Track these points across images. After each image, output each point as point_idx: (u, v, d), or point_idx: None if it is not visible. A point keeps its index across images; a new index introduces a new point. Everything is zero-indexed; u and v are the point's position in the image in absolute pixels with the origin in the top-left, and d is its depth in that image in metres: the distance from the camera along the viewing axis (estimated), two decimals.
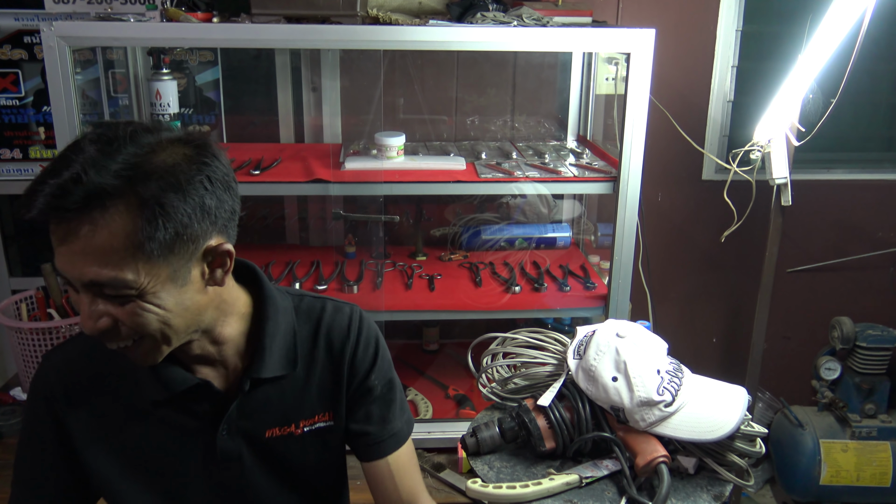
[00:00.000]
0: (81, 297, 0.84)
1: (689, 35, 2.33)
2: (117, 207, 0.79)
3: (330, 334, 1.06)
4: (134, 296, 0.83)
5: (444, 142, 2.30)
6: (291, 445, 1.05)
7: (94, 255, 0.80)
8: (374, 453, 1.11)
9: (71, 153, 0.82)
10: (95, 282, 0.82)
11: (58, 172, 0.80)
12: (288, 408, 1.04)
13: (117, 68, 2.15)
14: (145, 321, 0.85)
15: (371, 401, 1.09)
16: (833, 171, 2.53)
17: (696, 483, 1.05)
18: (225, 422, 1.00)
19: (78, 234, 0.79)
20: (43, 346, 1.99)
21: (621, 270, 1.79)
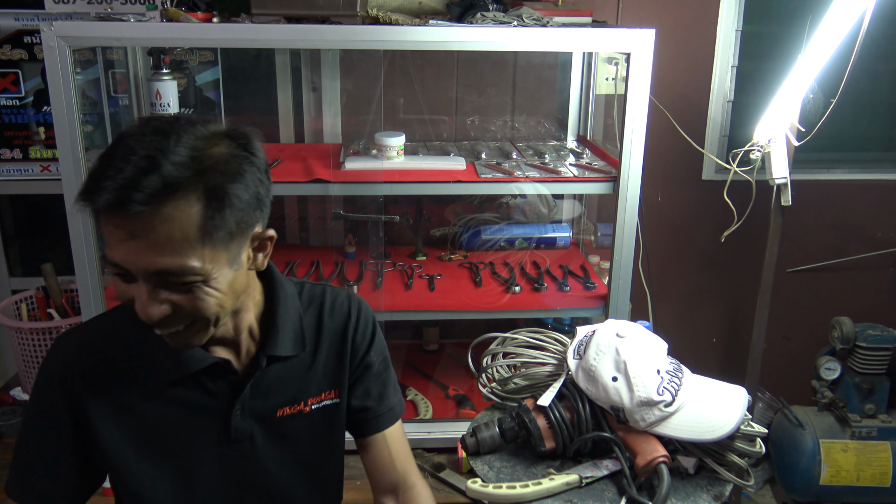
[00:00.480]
0: (140, 286, 0.85)
1: (689, 35, 2.33)
2: (187, 198, 0.82)
3: (333, 316, 1.12)
4: (199, 282, 0.86)
5: (444, 142, 2.30)
6: (301, 423, 1.09)
7: (164, 246, 0.82)
8: (373, 427, 1.16)
9: (131, 145, 0.83)
10: (163, 271, 0.84)
11: (122, 165, 0.81)
12: (297, 387, 1.08)
13: (117, 68, 2.15)
14: (205, 305, 0.88)
15: (370, 377, 1.15)
16: (833, 171, 2.53)
17: (696, 483, 1.05)
18: (239, 401, 1.03)
19: (149, 226, 0.81)
20: (43, 346, 1.99)
21: (621, 270, 1.79)
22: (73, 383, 0.99)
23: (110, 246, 0.83)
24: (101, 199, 0.80)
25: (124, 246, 0.82)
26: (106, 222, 0.82)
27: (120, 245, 0.82)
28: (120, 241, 0.82)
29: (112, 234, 0.82)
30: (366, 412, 1.15)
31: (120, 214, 0.81)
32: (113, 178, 0.80)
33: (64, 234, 1.65)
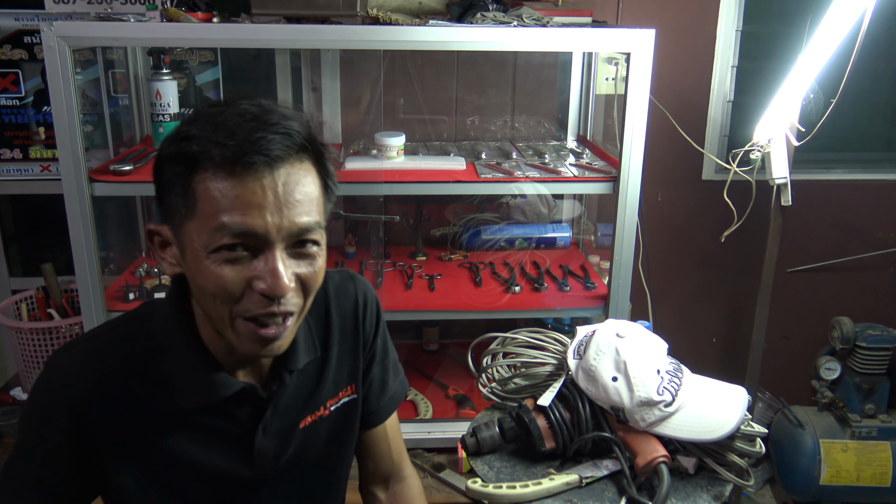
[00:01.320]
0: (272, 256, 0.81)
1: (689, 35, 2.33)
2: (310, 156, 0.84)
3: (339, 304, 1.06)
4: (320, 245, 0.85)
5: (444, 142, 2.30)
6: (320, 427, 1.03)
7: (305, 200, 0.82)
8: (373, 421, 1.12)
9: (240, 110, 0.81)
10: (304, 229, 0.82)
11: (248, 125, 0.79)
12: (315, 392, 1.02)
13: (117, 68, 2.15)
14: (320, 278, 0.87)
15: (373, 367, 1.10)
16: (833, 171, 2.53)
17: (696, 483, 1.05)
18: (262, 423, 0.96)
19: (291, 181, 0.80)
20: (43, 345, 1.99)
21: (621, 270, 1.79)
22: (84, 411, 0.88)
23: (235, 211, 0.78)
24: (232, 150, 0.77)
25: (262, 206, 0.79)
26: (226, 181, 0.78)
27: (255, 207, 0.78)
28: (255, 201, 0.78)
29: (241, 193, 0.78)
30: (368, 405, 1.11)
31: (258, 168, 0.78)
32: (239, 133, 0.78)
33: (64, 234, 1.65)
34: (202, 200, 0.80)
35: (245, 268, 0.81)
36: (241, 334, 0.85)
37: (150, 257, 2.14)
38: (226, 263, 0.81)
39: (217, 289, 0.82)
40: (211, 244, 0.80)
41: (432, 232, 2.29)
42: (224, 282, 0.81)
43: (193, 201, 0.80)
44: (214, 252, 0.80)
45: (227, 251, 0.80)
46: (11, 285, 2.41)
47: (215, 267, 0.81)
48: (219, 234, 0.79)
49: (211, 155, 0.78)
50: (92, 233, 1.65)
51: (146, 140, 2.13)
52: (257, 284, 0.81)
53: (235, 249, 0.80)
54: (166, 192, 0.84)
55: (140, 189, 1.83)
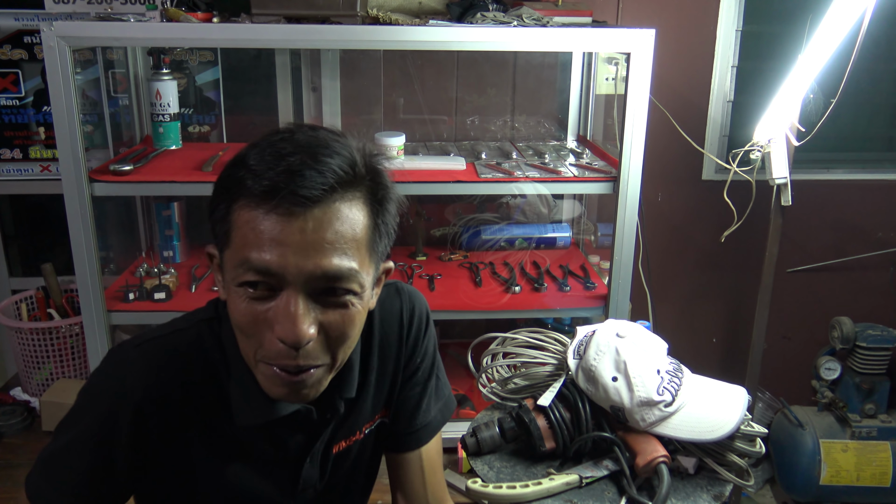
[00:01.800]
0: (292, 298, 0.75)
1: (689, 35, 2.33)
2: (358, 196, 0.77)
3: (383, 325, 0.99)
4: (356, 294, 0.78)
5: (444, 142, 2.30)
6: (353, 451, 1.01)
7: (334, 244, 0.75)
8: (406, 444, 1.06)
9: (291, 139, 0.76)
10: (331, 275, 0.75)
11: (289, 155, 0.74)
12: (352, 418, 0.98)
13: (117, 68, 2.15)
14: (351, 330, 0.80)
15: (412, 385, 1.04)
16: (833, 171, 2.53)
17: (696, 483, 1.05)
18: (312, 451, 0.93)
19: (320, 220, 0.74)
20: (43, 345, 1.99)
21: (621, 270, 1.79)
22: (147, 416, 0.85)
23: (260, 247, 0.74)
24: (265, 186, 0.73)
25: (284, 244, 0.73)
26: (258, 216, 0.74)
27: (278, 244, 0.73)
28: (279, 239, 0.73)
29: (267, 229, 0.73)
30: (398, 425, 1.05)
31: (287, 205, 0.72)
32: (281, 169, 0.73)
33: (64, 234, 1.65)
34: (235, 230, 0.77)
35: (266, 309, 0.77)
36: (266, 377, 0.81)
37: (149, 257, 2.14)
38: (248, 301, 0.77)
39: (239, 326, 0.80)
40: (236, 278, 0.77)
41: (432, 232, 2.29)
42: (246, 319, 0.78)
43: (229, 229, 0.78)
44: (240, 286, 0.77)
45: (250, 287, 0.77)
46: (11, 285, 2.41)
47: (240, 303, 0.78)
48: (242, 269, 0.76)
49: (248, 185, 0.75)
50: (92, 233, 1.65)
51: (146, 140, 2.13)
52: (275, 328, 0.77)
53: (257, 287, 0.76)
54: (211, 216, 0.81)
55: (140, 189, 1.84)
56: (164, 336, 0.89)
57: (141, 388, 0.85)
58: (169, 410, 0.86)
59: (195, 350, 0.88)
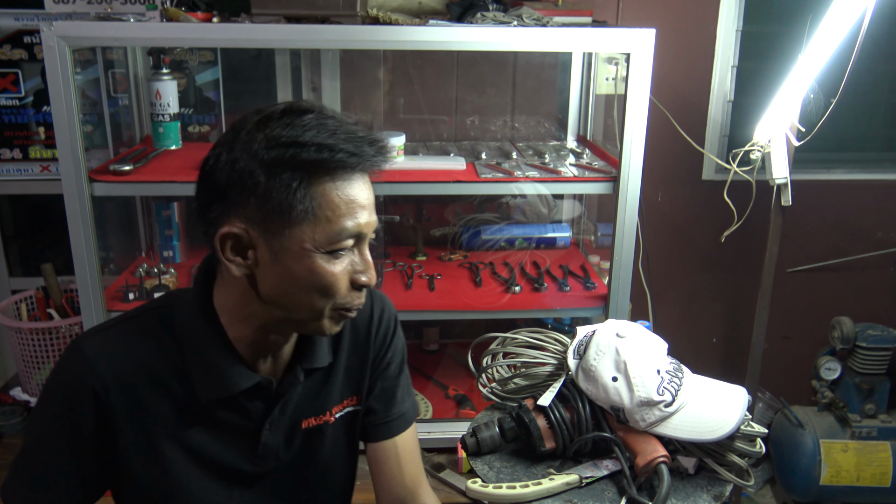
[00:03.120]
0: (364, 250, 0.90)
1: (689, 35, 2.33)
2: None
3: (355, 321, 1.06)
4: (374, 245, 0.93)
5: (444, 142, 2.30)
6: (326, 435, 1.06)
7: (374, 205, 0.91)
8: (381, 433, 1.12)
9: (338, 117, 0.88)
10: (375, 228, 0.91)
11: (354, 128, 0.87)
12: (321, 396, 1.05)
13: (117, 68, 2.15)
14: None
15: (384, 378, 1.12)
16: (833, 171, 2.53)
17: (696, 483, 1.05)
18: (271, 417, 0.99)
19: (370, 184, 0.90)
20: (43, 345, 1.99)
21: (621, 270, 1.79)
22: (107, 397, 0.91)
23: (352, 213, 0.87)
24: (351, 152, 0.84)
25: (367, 207, 0.88)
26: (343, 184, 0.86)
27: (363, 208, 0.88)
28: (363, 203, 0.87)
29: (354, 196, 0.86)
30: (374, 415, 1.12)
31: (361, 173, 0.87)
32: (354, 135, 0.86)
33: (64, 234, 1.65)
34: (320, 205, 0.85)
35: (346, 264, 0.89)
36: (334, 320, 0.92)
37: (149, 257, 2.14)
38: (335, 262, 0.88)
39: (328, 286, 0.88)
40: (330, 245, 0.87)
41: (432, 232, 2.29)
42: (336, 278, 0.88)
43: (310, 205, 0.85)
44: (330, 252, 0.87)
45: (341, 251, 0.88)
46: (11, 285, 2.41)
47: (329, 265, 0.87)
48: (340, 237, 0.87)
49: (329, 159, 0.84)
50: (92, 233, 1.65)
51: (146, 140, 2.13)
52: (359, 278, 0.90)
53: (347, 249, 0.89)
54: (267, 197, 0.84)
55: (140, 189, 1.84)
56: (116, 324, 0.97)
57: (96, 373, 0.90)
58: (126, 391, 0.92)
59: (149, 333, 0.95)
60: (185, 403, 0.95)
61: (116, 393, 0.91)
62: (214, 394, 0.94)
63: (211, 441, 0.97)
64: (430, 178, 1.84)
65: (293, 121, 0.85)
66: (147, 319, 0.97)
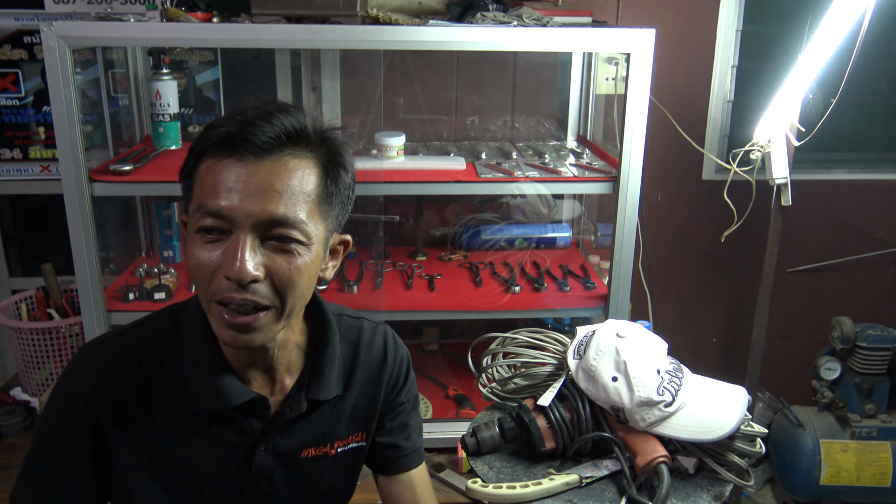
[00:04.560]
0: (240, 239, 0.82)
1: (689, 35, 2.33)
2: (309, 153, 0.86)
3: (369, 354, 1.07)
4: (301, 242, 0.85)
5: (444, 142, 2.30)
6: (325, 466, 1.05)
7: (282, 192, 0.82)
8: (399, 466, 1.14)
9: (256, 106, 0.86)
10: (275, 220, 0.82)
11: (249, 113, 0.84)
12: (325, 428, 1.03)
13: (117, 68, 2.15)
14: (297, 277, 0.86)
15: (399, 416, 1.13)
16: (833, 171, 2.53)
17: (696, 483, 1.05)
18: (265, 438, 0.98)
19: (270, 171, 0.82)
20: (43, 345, 1.99)
21: (621, 270, 1.79)
22: (100, 405, 0.91)
23: (214, 193, 0.82)
24: (222, 134, 0.82)
25: (235, 190, 0.81)
26: (216, 165, 0.82)
27: (229, 190, 0.81)
28: (231, 185, 0.81)
29: (221, 177, 0.82)
30: (394, 450, 1.13)
31: (240, 153, 0.81)
32: (238, 120, 0.83)
33: (64, 234, 1.65)
34: (197, 182, 0.85)
35: (218, 251, 0.83)
36: (216, 318, 0.86)
37: (149, 257, 2.14)
38: (203, 245, 0.84)
39: (194, 268, 0.85)
40: (195, 224, 0.84)
41: (432, 232, 2.29)
42: (198, 262, 0.84)
43: (193, 183, 0.86)
44: (197, 233, 0.84)
45: (206, 233, 0.83)
46: (11, 285, 2.41)
47: (195, 248, 0.84)
48: (199, 214, 0.83)
49: (208, 137, 0.84)
50: (92, 233, 1.65)
51: (146, 140, 2.13)
52: (222, 267, 0.83)
53: (212, 232, 0.83)
54: (180, 180, 0.88)
55: (140, 189, 1.84)
56: (117, 335, 0.97)
57: (89, 383, 0.92)
58: (123, 404, 0.92)
59: (149, 344, 0.95)
60: (185, 417, 0.94)
61: (109, 403, 0.92)
62: (208, 405, 0.93)
63: (207, 456, 0.96)
64: (430, 178, 1.84)
65: (229, 112, 0.87)
66: (150, 330, 0.97)
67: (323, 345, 1.01)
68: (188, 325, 0.95)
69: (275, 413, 0.99)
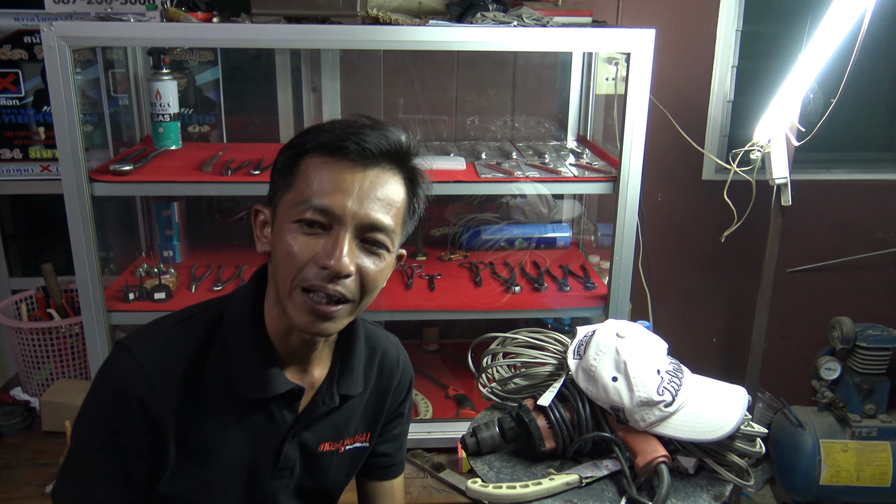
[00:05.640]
0: (341, 236, 0.88)
1: (689, 35, 2.33)
2: (401, 170, 0.95)
3: (383, 361, 1.12)
4: (388, 250, 0.93)
5: (444, 142, 2.30)
6: (334, 462, 1.08)
7: (386, 202, 0.91)
8: (385, 474, 1.20)
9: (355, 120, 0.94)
10: (376, 225, 0.90)
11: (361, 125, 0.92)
12: (340, 425, 1.07)
13: (117, 68, 2.15)
14: (379, 277, 0.94)
15: (398, 426, 1.19)
16: (833, 171, 2.53)
17: (696, 483, 1.05)
18: (294, 430, 1.01)
19: (375, 180, 0.91)
20: (43, 345, 1.99)
21: (621, 270, 1.79)
22: (155, 404, 0.92)
23: (323, 191, 0.88)
24: (336, 136, 0.89)
25: (344, 191, 0.88)
26: (328, 165, 0.89)
27: (339, 191, 0.88)
28: (341, 186, 0.88)
29: (333, 177, 0.89)
30: (386, 458, 1.19)
31: (351, 158, 0.89)
32: (350, 130, 0.90)
33: (64, 234, 1.65)
34: (301, 177, 0.91)
35: (316, 243, 0.89)
36: (297, 304, 0.91)
37: (149, 257, 2.14)
38: (301, 234, 0.89)
39: (287, 255, 0.90)
40: (295, 215, 0.89)
41: (432, 232, 2.29)
42: (294, 249, 0.89)
43: (294, 178, 0.91)
44: (296, 223, 0.89)
45: (306, 225, 0.89)
46: (11, 285, 2.41)
47: (291, 236, 0.90)
48: (303, 207, 0.89)
49: (320, 139, 0.91)
50: (92, 233, 1.65)
51: (146, 140, 2.13)
52: (320, 258, 0.88)
53: (313, 226, 0.89)
54: (275, 174, 0.95)
55: (140, 189, 1.84)
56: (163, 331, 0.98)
57: (144, 383, 0.92)
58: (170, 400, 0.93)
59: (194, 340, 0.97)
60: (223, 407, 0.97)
61: (163, 402, 0.93)
62: (254, 392, 0.96)
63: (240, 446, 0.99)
64: (430, 178, 1.83)
65: (333, 120, 0.95)
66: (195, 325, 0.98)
67: (353, 341, 1.06)
68: (236, 315, 0.98)
69: (305, 406, 1.02)
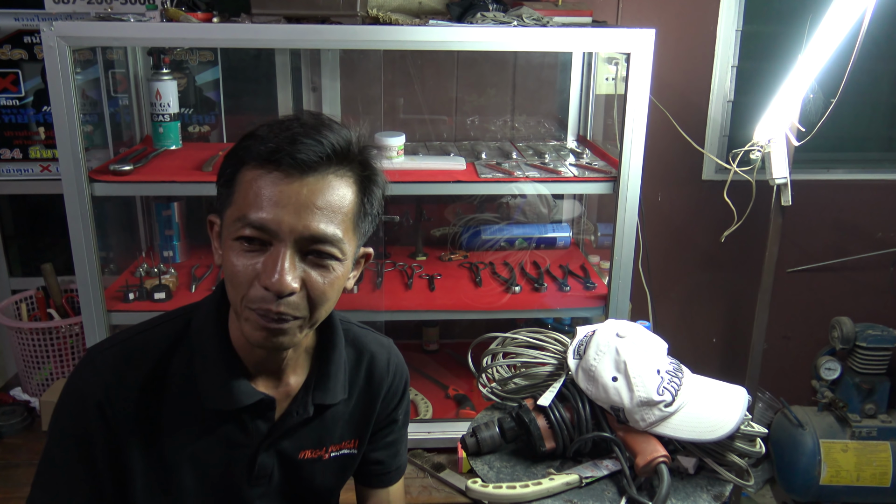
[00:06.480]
0: (280, 252, 0.84)
1: (689, 35, 2.33)
2: (349, 172, 0.88)
3: (371, 367, 1.10)
4: (336, 259, 0.88)
5: (444, 142, 2.30)
6: (318, 469, 1.06)
7: (323, 210, 0.85)
8: (383, 482, 1.18)
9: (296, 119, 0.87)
10: (316, 237, 0.85)
11: (294, 130, 0.85)
12: (322, 432, 1.05)
13: (117, 68, 2.15)
14: (329, 290, 0.89)
15: (392, 432, 1.16)
16: (833, 171, 2.53)
17: (696, 483, 1.05)
18: (269, 440, 0.99)
19: (314, 188, 0.84)
20: (43, 345, 1.99)
21: (621, 270, 1.79)
22: (113, 410, 0.91)
23: (258, 206, 0.83)
24: (268, 148, 0.83)
25: (280, 205, 0.83)
26: (261, 178, 0.84)
27: (274, 205, 0.83)
28: (276, 199, 0.83)
29: (266, 190, 0.83)
30: (380, 465, 1.17)
31: (285, 168, 0.83)
32: (285, 136, 0.84)
33: (64, 234, 1.65)
34: (238, 191, 0.86)
35: (258, 261, 0.85)
36: (250, 321, 0.88)
37: (149, 257, 2.14)
38: (242, 253, 0.85)
39: (231, 275, 0.87)
40: (234, 232, 0.85)
41: (432, 232, 2.29)
42: (236, 270, 0.86)
43: (233, 191, 0.87)
44: (236, 241, 0.86)
45: (245, 242, 0.85)
46: (11, 285, 2.41)
47: (233, 255, 0.86)
48: (240, 224, 0.84)
49: (253, 149, 0.85)
50: (92, 233, 1.65)
51: (146, 140, 2.13)
52: (261, 278, 0.84)
53: (252, 242, 0.85)
54: (218, 184, 0.90)
55: (140, 189, 1.84)
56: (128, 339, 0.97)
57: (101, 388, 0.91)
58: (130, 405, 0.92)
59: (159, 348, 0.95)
60: (191, 417, 0.95)
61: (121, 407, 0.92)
62: (219, 405, 0.94)
63: (212, 456, 0.97)
64: (430, 178, 1.84)
65: (271, 123, 0.88)
66: (161, 333, 0.97)
67: (330, 349, 1.03)
68: (201, 326, 0.96)
69: (280, 415, 1.00)
